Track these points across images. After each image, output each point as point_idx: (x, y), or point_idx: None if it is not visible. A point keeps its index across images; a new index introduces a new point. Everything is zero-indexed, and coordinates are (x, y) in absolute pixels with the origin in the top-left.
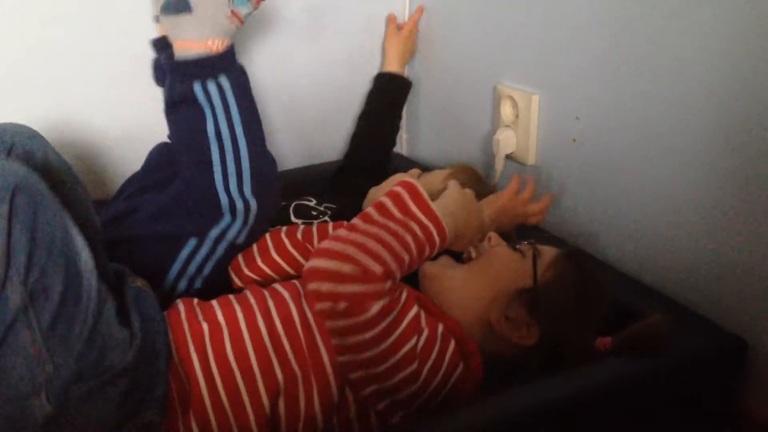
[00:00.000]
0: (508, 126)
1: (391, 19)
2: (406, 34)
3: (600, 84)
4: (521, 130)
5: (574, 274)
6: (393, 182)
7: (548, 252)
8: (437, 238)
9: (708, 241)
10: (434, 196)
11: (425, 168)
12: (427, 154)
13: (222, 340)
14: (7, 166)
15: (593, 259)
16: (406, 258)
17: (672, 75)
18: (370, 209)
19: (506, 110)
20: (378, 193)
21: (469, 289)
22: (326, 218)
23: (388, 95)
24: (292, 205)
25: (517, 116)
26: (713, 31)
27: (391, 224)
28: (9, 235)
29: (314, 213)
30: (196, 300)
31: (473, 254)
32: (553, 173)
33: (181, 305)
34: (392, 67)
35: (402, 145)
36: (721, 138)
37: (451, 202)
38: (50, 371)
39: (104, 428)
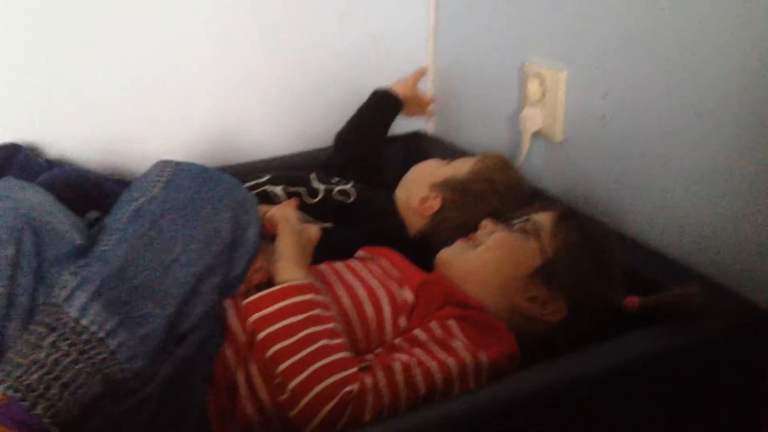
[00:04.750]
0: (535, 103)
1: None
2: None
3: (629, 60)
4: (548, 108)
5: (577, 233)
6: (423, 169)
7: (545, 221)
8: (310, 292)
9: (737, 218)
10: (456, 183)
11: (451, 148)
12: (453, 133)
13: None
14: (21, 196)
15: (584, 216)
16: (329, 324)
17: (702, 51)
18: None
19: (533, 88)
20: (405, 179)
21: (485, 279)
22: (348, 186)
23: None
24: (313, 172)
25: (544, 94)
26: (744, 7)
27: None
28: (12, 278)
29: (335, 180)
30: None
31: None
32: (581, 150)
33: (231, 311)
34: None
35: (428, 124)
36: (752, 115)
37: (288, 253)
38: None
39: None
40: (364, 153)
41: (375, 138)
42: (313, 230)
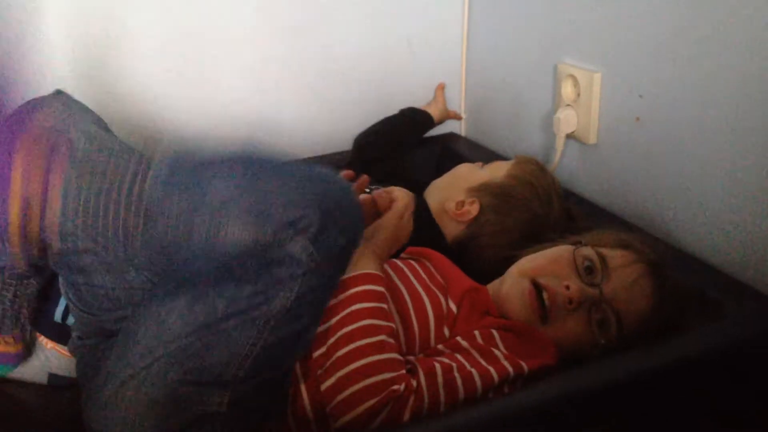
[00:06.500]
0: (569, 105)
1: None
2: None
3: (664, 61)
4: (582, 109)
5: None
6: (457, 173)
7: (629, 310)
8: (382, 284)
9: None
10: (495, 187)
11: (484, 149)
12: (486, 134)
13: None
14: None
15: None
16: (391, 323)
17: (739, 50)
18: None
19: (567, 89)
20: (439, 183)
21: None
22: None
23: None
24: None
25: (578, 95)
26: None
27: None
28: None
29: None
30: None
31: None
32: (615, 152)
33: None
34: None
35: (461, 126)
36: None
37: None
38: None
39: None
40: (384, 155)
41: (400, 145)
42: (408, 230)
